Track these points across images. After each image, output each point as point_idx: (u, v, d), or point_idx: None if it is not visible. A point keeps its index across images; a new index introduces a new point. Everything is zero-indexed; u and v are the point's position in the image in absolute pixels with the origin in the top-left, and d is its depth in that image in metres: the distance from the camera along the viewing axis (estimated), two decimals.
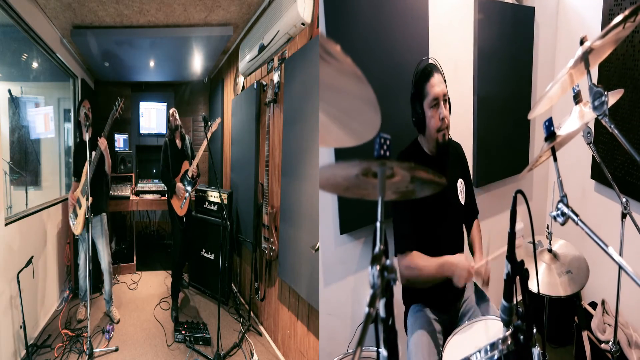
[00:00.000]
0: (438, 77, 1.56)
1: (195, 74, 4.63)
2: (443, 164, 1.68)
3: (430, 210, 1.58)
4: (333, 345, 2.03)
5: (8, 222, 2.41)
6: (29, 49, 3.06)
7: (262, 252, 2.94)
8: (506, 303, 1.04)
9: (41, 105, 3.58)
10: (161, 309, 3.43)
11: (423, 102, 1.57)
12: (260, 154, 3.12)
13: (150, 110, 5.00)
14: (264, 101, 2.98)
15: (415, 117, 1.61)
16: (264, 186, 2.86)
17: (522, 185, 3.05)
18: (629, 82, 2.19)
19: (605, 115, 1.11)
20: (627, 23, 1.00)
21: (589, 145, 1.72)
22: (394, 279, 0.76)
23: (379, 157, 0.80)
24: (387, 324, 0.78)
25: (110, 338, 2.87)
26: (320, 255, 1.95)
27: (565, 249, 2.01)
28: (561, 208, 1.06)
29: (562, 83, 1.21)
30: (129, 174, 4.20)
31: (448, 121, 1.59)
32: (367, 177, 0.85)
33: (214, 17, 2.96)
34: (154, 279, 4.11)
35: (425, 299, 1.74)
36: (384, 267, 0.74)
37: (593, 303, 2.60)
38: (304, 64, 2.25)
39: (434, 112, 1.56)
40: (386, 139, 0.80)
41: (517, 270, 1.02)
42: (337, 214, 1.94)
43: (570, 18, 2.85)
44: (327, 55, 0.70)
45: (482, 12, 2.44)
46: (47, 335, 2.80)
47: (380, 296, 0.74)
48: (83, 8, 2.76)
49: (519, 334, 1.02)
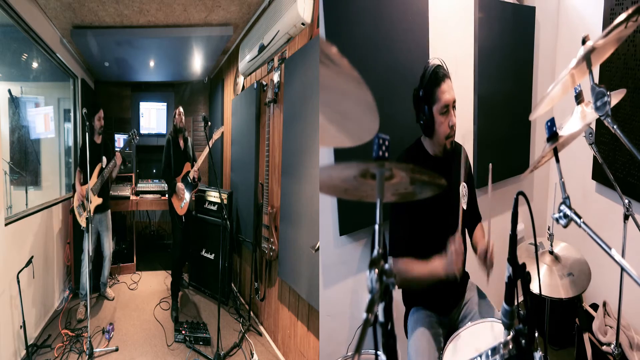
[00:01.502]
0: (449, 83, 1.54)
1: (195, 74, 4.62)
2: (448, 166, 1.66)
3: (431, 213, 1.56)
4: (333, 346, 2.02)
5: (8, 222, 2.41)
6: (29, 49, 3.05)
7: (262, 252, 2.94)
8: (507, 306, 1.03)
9: (41, 105, 3.58)
10: (161, 309, 3.42)
11: (433, 106, 1.54)
12: (260, 154, 3.12)
13: (150, 110, 4.99)
14: (264, 101, 2.97)
15: (424, 121, 1.58)
16: (264, 186, 2.85)
17: (523, 186, 3.04)
18: (631, 83, 2.17)
19: (607, 115, 1.10)
20: (630, 22, 0.98)
21: (590, 145, 1.71)
22: (392, 283, 0.75)
23: (377, 158, 0.79)
24: (386, 328, 0.77)
25: (110, 338, 2.87)
26: (320, 256, 1.94)
27: (566, 251, 2.00)
28: (564, 210, 1.05)
29: (563, 83, 1.19)
30: (129, 174, 4.20)
31: (456, 128, 1.58)
32: (365, 178, 0.84)
33: (214, 17, 2.95)
34: (154, 279, 4.11)
35: (426, 301, 1.73)
36: (382, 271, 0.72)
37: (594, 305, 2.58)
38: (304, 64, 2.24)
39: (444, 119, 1.54)
40: (385, 140, 0.79)
41: (519, 273, 1.00)
42: (336, 215, 1.93)
43: (571, 18, 2.83)
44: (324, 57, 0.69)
45: (482, 11, 2.43)
46: (47, 335, 2.80)
47: (378, 301, 0.73)
48: (83, 8, 2.75)
49: (521, 338, 1.01)
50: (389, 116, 1.90)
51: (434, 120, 1.55)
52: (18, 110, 3.10)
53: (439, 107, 1.53)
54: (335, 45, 0.67)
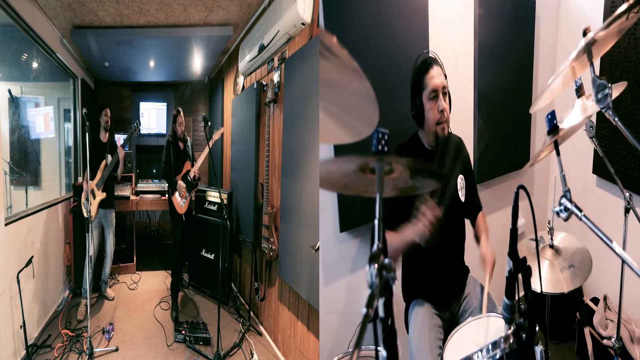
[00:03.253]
0: (437, 69, 1.55)
1: (195, 74, 4.62)
2: (443, 158, 1.66)
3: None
4: (333, 343, 2.02)
5: (8, 222, 2.41)
6: (29, 49, 3.06)
7: (262, 252, 2.93)
8: (508, 301, 1.02)
9: (41, 105, 3.58)
10: (161, 309, 3.42)
11: (422, 94, 1.55)
12: (260, 154, 3.11)
13: (150, 110, 4.99)
14: (264, 101, 2.97)
15: (415, 110, 1.60)
16: (264, 186, 2.85)
17: (523, 180, 3.03)
18: (632, 76, 2.17)
19: (609, 108, 1.09)
20: (631, 13, 0.98)
21: (591, 139, 1.70)
22: (392, 277, 0.74)
23: (376, 152, 0.78)
24: (386, 323, 0.77)
25: (110, 338, 2.87)
26: (320, 253, 1.94)
27: (567, 242, 1.98)
28: (564, 203, 1.04)
29: (564, 76, 1.19)
30: (129, 174, 4.19)
31: (448, 114, 1.57)
32: (364, 173, 0.84)
33: (214, 17, 2.96)
34: (154, 279, 4.10)
35: (426, 294, 1.72)
36: (382, 266, 0.72)
37: (595, 299, 2.58)
38: (304, 64, 2.24)
39: (433, 105, 1.54)
40: (384, 134, 0.79)
41: (520, 268, 1.00)
42: (337, 211, 1.93)
43: (571, 11, 2.83)
44: (324, 49, 0.68)
45: (482, 6, 2.42)
46: (47, 335, 2.79)
47: (378, 296, 0.73)
48: (83, 8, 2.76)
49: (521, 332, 1.01)
50: (388, 112, 1.90)
51: (423, 107, 1.56)
52: (18, 110, 3.10)
53: (428, 92, 1.53)
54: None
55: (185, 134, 3.44)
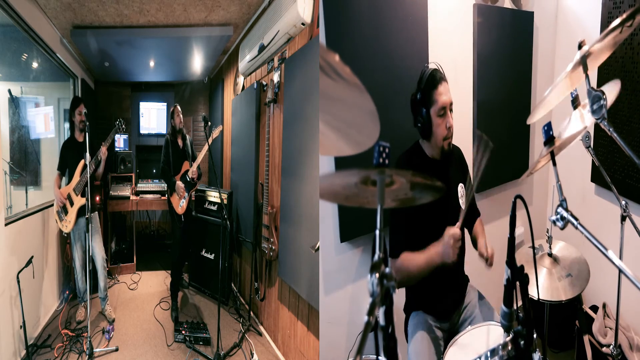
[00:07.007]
0: (446, 85, 1.55)
1: (195, 74, 4.62)
2: (446, 168, 1.68)
3: (431, 214, 1.57)
4: (334, 353, 2.02)
5: (8, 222, 2.41)
6: (29, 49, 3.05)
7: (262, 252, 2.95)
8: (506, 308, 1.04)
9: (41, 105, 3.58)
10: (161, 309, 3.43)
11: (430, 109, 1.55)
12: (260, 154, 3.12)
13: (150, 110, 4.99)
14: (264, 101, 2.98)
15: (421, 124, 1.60)
16: (264, 186, 2.86)
17: (522, 189, 3.04)
18: (628, 85, 2.19)
19: (604, 118, 1.11)
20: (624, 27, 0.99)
21: (587, 149, 1.72)
22: (393, 286, 0.76)
23: (378, 165, 0.80)
24: (387, 332, 0.78)
25: (110, 338, 2.88)
26: (320, 262, 1.94)
27: (565, 251, 2.01)
28: (560, 212, 1.06)
29: (560, 87, 1.20)
30: (129, 174, 4.20)
31: (453, 130, 1.59)
32: (366, 185, 0.85)
33: (214, 17, 2.96)
34: (154, 279, 4.11)
35: (426, 306, 1.73)
36: (383, 275, 0.74)
37: (594, 307, 2.59)
38: (304, 64, 2.25)
39: (442, 121, 1.55)
40: (385, 147, 0.80)
41: (517, 276, 1.02)
42: (337, 221, 1.93)
43: (569, 23, 2.84)
44: (326, 66, 0.70)
45: (481, 16, 2.43)
46: (47, 335, 2.80)
47: (379, 304, 0.74)
48: (83, 8, 2.75)
49: (519, 340, 1.02)
50: (387, 122, 1.89)
51: (431, 122, 1.57)
52: (18, 110, 3.10)
53: (437, 109, 1.54)
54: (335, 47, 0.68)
55: (183, 129, 3.42)
